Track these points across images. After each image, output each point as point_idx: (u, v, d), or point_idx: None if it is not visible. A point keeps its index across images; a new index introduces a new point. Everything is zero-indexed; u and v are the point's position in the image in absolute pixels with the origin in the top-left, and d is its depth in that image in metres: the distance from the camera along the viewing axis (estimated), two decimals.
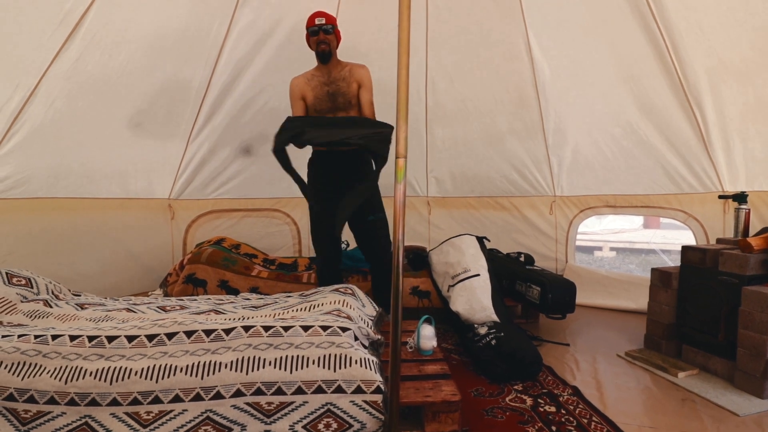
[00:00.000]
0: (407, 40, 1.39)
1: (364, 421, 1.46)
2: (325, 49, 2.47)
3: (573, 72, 3.44)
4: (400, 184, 1.43)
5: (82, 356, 1.53)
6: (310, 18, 2.48)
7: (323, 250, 2.62)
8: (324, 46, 2.46)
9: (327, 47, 2.47)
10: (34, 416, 1.43)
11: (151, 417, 1.44)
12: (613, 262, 6.47)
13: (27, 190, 2.82)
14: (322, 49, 2.47)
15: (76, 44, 2.61)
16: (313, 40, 2.48)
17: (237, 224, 3.91)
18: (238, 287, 2.97)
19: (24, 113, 2.62)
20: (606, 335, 2.93)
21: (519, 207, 4.02)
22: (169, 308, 2.06)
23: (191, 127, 3.44)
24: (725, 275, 2.24)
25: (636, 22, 2.98)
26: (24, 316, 1.94)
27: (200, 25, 3.03)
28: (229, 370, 1.49)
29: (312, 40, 2.49)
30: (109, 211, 3.28)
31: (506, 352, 2.21)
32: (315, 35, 2.47)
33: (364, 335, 1.76)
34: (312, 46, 2.51)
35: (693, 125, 3.14)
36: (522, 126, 3.76)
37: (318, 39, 2.46)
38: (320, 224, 2.56)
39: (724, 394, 2.06)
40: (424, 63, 3.63)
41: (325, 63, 2.51)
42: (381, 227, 2.56)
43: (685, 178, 3.36)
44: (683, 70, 2.98)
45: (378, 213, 2.55)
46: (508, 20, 3.34)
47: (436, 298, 2.99)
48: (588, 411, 1.91)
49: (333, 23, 2.49)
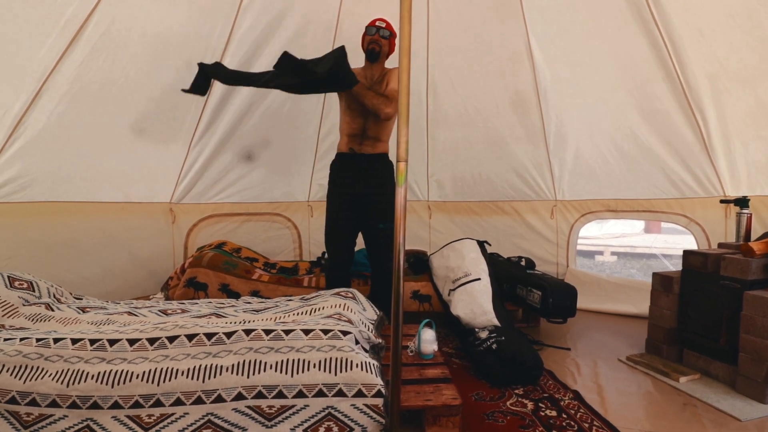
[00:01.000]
0: (408, 44, 1.40)
1: (365, 424, 1.46)
2: (375, 48, 2.51)
3: (574, 76, 3.45)
4: (401, 187, 1.44)
5: (84, 359, 1.53)
6: (372, 21, 2.55)
7: (336, 254, 2.61)
8: (374, 45, 2.51)
9: (377, 47, 2.51)
10: (36, 419, 1.43)
11: (152, 420, 1.44)
12: (614, 266, 6.46)
13: (29, 194, 2.83)
14: (371, 48, 2.51)
15: (79, 49, 2.63)
16: (367, 39, 2.53)
17: (238, 228, 3.92)
18: (239, 291, 2.97)
19: (27, 118, 2.63)
20: (607, 340, 2.92)
21: (520, 211, 4.03)
22: (171, 312, 2.06)
23: (193, 131, 3.46)
24: (727, 280, 2.24)
25: (637, 26, 2.99)
26: (26, 319, 1.95)
27: (202, 29, 3.05)
28: (231, 373, 1.49)
29: (366, 39, 2.54)
30: (111, 215, 3.29)
31: (507, 357, 2.21)
32: (371, 35, 2.52)
33: (365, 339, 1.76)
34: (364, 44, 2.55)
35: (695, 129, 3.14)
36: (523, 130, 3.77)
37: (372, 38, 2.51)
38: (336, 228, 2.57)
39: (726, 399, 2.06)
40: (425, 67, 3.65)
41: (372, 62, 2.55)
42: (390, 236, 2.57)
43: (687, 182, 3.36)
44: (685, 74, 2.99)
45: (389, 223, 2.56)
46: (510, 25, 3.36)
47: (436, 302, 2.99)
48: (589, 415, 1.91)
49: (392, 31, 2.55)
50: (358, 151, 2.52)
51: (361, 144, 2.53)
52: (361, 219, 2.57)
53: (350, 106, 2.51)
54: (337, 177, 2.60)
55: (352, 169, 2.55)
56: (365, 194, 2.52)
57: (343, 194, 2.54)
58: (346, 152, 2.55)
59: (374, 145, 2.53)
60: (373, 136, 2.53)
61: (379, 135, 2.54)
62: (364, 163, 2.54)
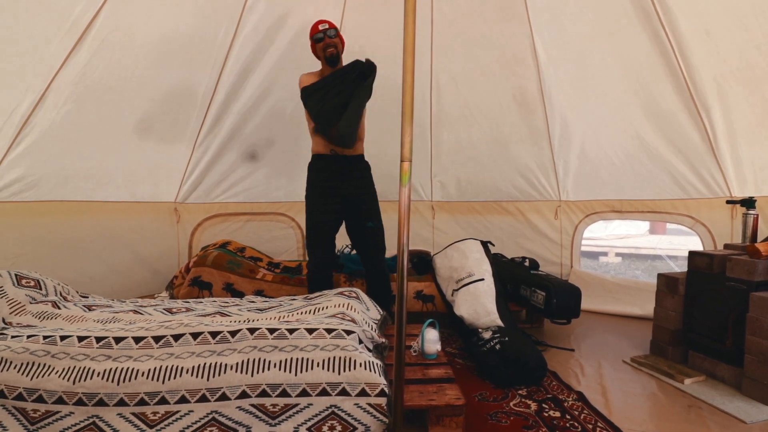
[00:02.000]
0: (412, 44, 1.40)
1: (368, 423, 1.46)
2: (333, 52, 2.49)
3: (579, 77, 3.44)
4: (405, 187, 1.44)
5: (90, 357, 1.54)
6: (313, 27, 2.52)
7: (317, 255, 2.61)
8: (332, 50, 2.49)
9: (335, 50, 2.50)
10: (42, 416, 1.45)
11: (157, 417, 1.45)
12: (618, 267, 6.43)
13: (36, 193, 2.85)
14: (330, 53, 2.49)
15: (85, 49, 2.65)
16: (320, 46, 2.51)
17: (242, 228, 3.93)
18: (243, 290, 2.99)
19: (33, 117, 2.66)
20: (611, 341, 2.91)
21: (524, 212, 4.02)
22: (176, 310, 2.08)
23: (198, 131, 3.47)
24: (733, 281, 2.23)
25: (642, 27, 2.98)
26: (33, 317, 1.96)
27: (207, 30, 3.07)
28: (235, 371, 1.50)
29: (318, 46, 2.52)
30: (117, 214, 3.31)
31: (511, 357, 2.20)
32: (320, 41, 2.50)
33: (369, 338, 1.76)
34: (319, 52, 2.53)
35: (700, 130, 3.12)
36: (527, 131, 3.76)
37: (325, 44, 2.49)
38: (317, 229, 2.57)
39: (732, 401, 2.05)
40: (429, 68, 3.64)
41: (333, 66, 2.53)
42: (377, 233, 2.60)
43: (693, 183, 3.34)
44: (691, 75, 2.98)
45: (376, 221, 2.59)
46: (514, 25, 3.35)
47: (440, 302, 2.99)
48: (593, 417, 1.90)
49: (335, 28, 2.54)
50: (340, 153, 2.53)
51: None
52: (348, 219, 2.60)
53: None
54: (319, 179, 2.58)
55: (335, 170, 2.55)
56: (354, 195, 2.54)
57: (328, 196, 2.54)
58: (326, 154, 2.54)
59: (355, 146, 2.55)
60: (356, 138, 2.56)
61: (360, 135, 2.58)
62: (347, 164, 2.55)
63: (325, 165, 2.57)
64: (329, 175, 2.55)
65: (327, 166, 2.56)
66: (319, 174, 2.59)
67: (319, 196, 2.56)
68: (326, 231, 2.57)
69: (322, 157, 2.57)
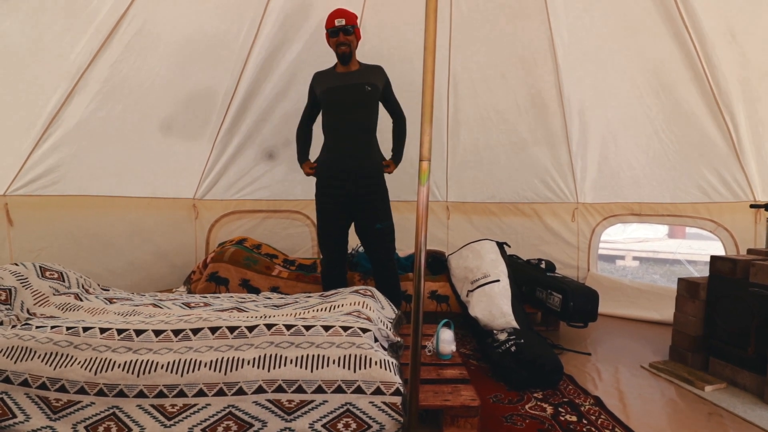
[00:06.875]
0: (433, 43, 1.40)
1: (383, 422, 1.46)
2: (346, 51, 2.45)
3: (599, 78, 3.39)
4: (423, 186, 1.43)
5: (111, 348, 1.58)
6: (330, 18, 2.44)
7: (329, 253, 2.62)
8: (344, 48, 2.44)
9: (347, 49, 2.45)
10: (64, 405, 1.48)
11: (175, 410, 1.47)
12: (636, 271, 6.32)
13: (61, 187, 2.92)
14: (342, 51, 2.45)
15: (112, 49, 2.71)
16: (333, 41, 2.46)
17: (258, 225, 3.98)
18: (259, 286, 3.02)
19: (61, 114, 2.72)
20: (629, 345, 2.86)
21: (540, 214, 3.98)
22: (194, 305, 2.11)
23: (217, 130, 3.53)
24: (756, 287, 2.17)
25: (665, 28, 2.93)
26: (56, 308, 2.02)
27: (229, 30, 3.11)
28: (252, 366, 1.51)
29: (332, 41, 2.47)
30: (138, 209, 3.37)
31: (526, 359, 2.18)
32: (335, 36, 2.44)
33: (384, 337, 1.76)
34: (332, 46, 2.49)
35: (724, 133, 3.06)
36: (545, 132, 3.72)
37: (338, 40, 2.43)
38: (328, 226, 2.58)
39: (753, 410, 1.99)
40: (447, 68, 3.63)
41: (345, 64, 2.52)
42: (388, 234, 2.57)
43: (715, 186, 3.27)
44: (714, 76, 2.92)
45: (385, 221, 2.55)
46: (534, 26, 3.32)
47: (454, 303, 2.98)
48: (611, 422, 1.87)
49: (353, 23, 2.44)
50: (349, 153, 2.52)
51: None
52: (356, 220, 2.58)
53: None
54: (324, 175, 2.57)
55: (336, 165, 2.53)
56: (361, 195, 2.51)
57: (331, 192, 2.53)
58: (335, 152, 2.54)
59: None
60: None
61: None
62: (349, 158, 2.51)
63: (331, 160, 2.56)
64: (334, 171, 2.53)
65: (332, 161, 2.55)
66: (324, 171, 2.57)
67: (324, 193, 2.57)
68: (336, 230, 2.58)
69: (327, 151, 2.57)
